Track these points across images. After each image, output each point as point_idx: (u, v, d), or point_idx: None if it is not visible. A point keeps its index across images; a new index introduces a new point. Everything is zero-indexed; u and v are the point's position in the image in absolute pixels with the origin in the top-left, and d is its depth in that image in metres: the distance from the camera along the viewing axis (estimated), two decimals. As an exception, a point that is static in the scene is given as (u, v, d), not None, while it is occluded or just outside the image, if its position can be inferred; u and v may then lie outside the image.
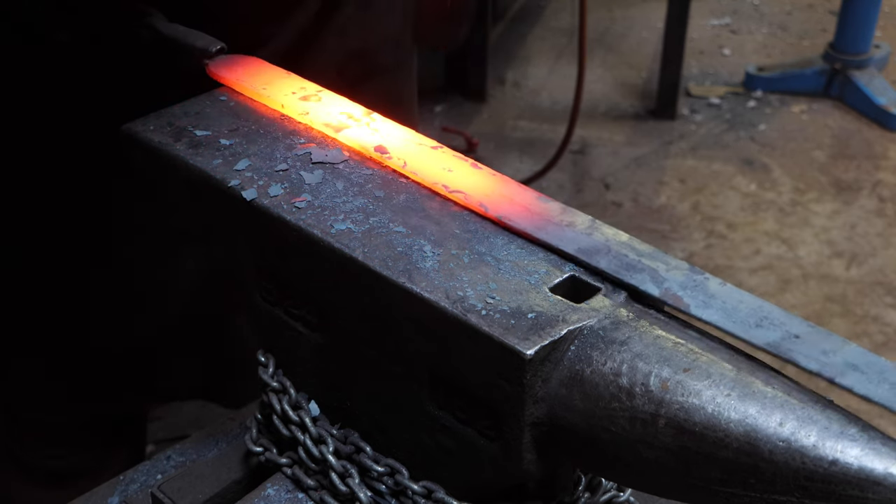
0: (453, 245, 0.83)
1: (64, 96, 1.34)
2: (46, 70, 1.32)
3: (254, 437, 1.00)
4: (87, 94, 1.32)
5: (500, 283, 0.79)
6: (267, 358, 1.00)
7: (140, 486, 1.14)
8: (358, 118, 0.99)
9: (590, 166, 3.77)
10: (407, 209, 0.87)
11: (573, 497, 0.89)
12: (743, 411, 0.67)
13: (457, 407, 0.81)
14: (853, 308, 3.07)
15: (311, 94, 1.03)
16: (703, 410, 0.68)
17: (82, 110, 1.34)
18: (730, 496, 0.69)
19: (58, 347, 1.59)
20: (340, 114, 1.00)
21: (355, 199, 0.89)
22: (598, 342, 0.74)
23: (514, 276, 0.79)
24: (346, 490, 0.90)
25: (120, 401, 1.68)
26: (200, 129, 0.98)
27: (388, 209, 0.88)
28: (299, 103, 1.01)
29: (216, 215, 0.96)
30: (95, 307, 1.54)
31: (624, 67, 4.43)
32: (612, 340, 0.74)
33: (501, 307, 0.76)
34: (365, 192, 0.90)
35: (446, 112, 4.07)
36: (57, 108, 1.35)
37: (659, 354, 0.72)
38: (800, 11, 4.95)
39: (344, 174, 0.92)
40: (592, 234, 0.82)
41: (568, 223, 0.84)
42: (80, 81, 1.32)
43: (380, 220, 0.86)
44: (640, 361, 0.72)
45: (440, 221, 0.86)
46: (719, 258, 3.28)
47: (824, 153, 3.85)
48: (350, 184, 0.91)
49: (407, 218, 0.86)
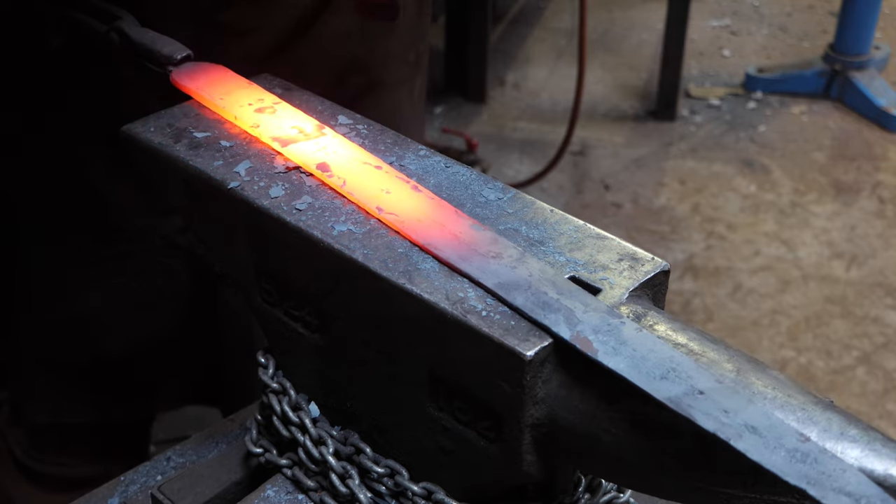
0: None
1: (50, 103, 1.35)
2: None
3: (254, 439, 1.00)
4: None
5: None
6: (267, 359, 1.00)
7: (140, 487, 1.14)
8: (309, 133, 0.97)
9: (590, 167, 3.77)
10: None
11: (573, 498, 0.89)
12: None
13: (457, 408, 0.81)
14: (853, 309, 3.07)
15: (267, 107, 1.01)
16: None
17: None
18: (730, 497, 0.69)
19: (68, 351, 1.59)
20: (292, 128, 0.98)
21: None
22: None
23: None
24: (346, 491, 0.91)
25: (130, 405, 1.69)
26: (201, 130, 0.98)
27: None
28: (253, 115, 1.00)
29: (216, 216, 0.96)
30: (100, 311, 1.55)
31: (624, 69, 4.43)
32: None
33: (501, 308, 0.76)
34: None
35: (446, 113, 4.07)
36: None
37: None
38: (800, 13, 4.96)
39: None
40: (517, 268, 0.80)
41: (495, 254, 0.82)
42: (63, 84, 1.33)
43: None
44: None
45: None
46: (719, 259, 3.28)
47: (824, 154, 3.85)
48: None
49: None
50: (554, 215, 0.87)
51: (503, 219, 0.87)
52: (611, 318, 0.75)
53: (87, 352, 1.58)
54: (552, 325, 0.74)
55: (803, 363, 2.85)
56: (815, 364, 2.84)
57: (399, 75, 1.58)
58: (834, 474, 0.62)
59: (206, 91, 1.03)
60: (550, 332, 0.74)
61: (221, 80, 1.06)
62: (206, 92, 1.03)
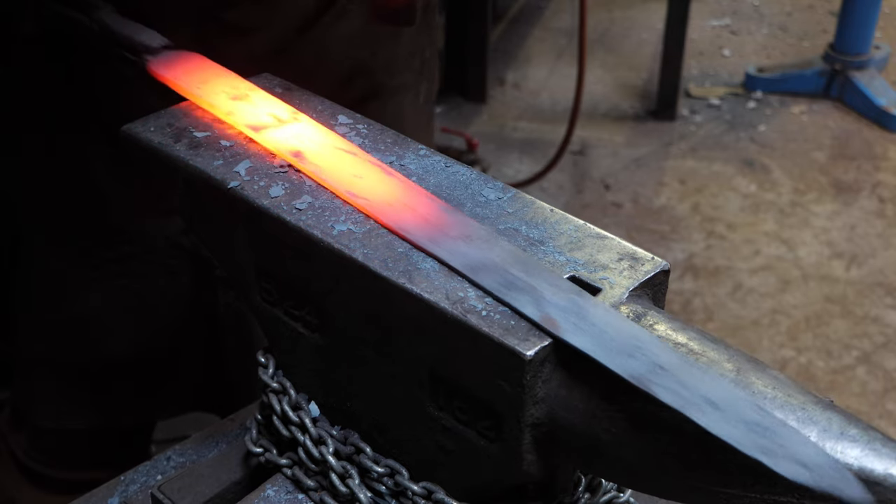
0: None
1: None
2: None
3: (254, 438, 1.00)
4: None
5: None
6: (267, 359, 1.00)
7: (140, 486, 1.14)
8: (283, 119, 0.98)
9: (590, 167, 3.77)
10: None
11: (573, 498, 0.89)
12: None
13: (457, 408, 0.81)
14: (853, 309, 3.07)
15: (242, 95, 1.02)
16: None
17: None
18: (730, 497, 0.69)
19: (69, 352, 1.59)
20: (266, 115, 0.99)
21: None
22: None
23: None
24: (346, 491, 0.91)
25: (131, 410, 1.68)
26: (200, 129, 0.98)
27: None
28: (228, 102, 1.00)
29: (216, 216, 0.96)
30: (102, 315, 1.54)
31: (624, 68, 4.43)
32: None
33: (501, 308, 0.76)
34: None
35: (446, 113, 4.07)
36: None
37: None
38: (800, 12, 4.95)
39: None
40: (486, 250, 0.81)
41: (464, 237, 0.83)
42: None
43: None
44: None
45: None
46: (719, 259, 3.28)
47: (824, 154, 3.85)
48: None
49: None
50: (554, 215, 0.87)
51: (503, 218, 0.87)
52: (577, 297, 0.76)
53: (88, 353, 1.58)
54: (519, 306, 0.75)
55: (803, 363, 2.85)
56: (815, 364, 2.84)
57: (404, 81, 1.58)
58: (790, 445, 0.64)
59: (183, 80, 1.04)
60: (518, 312, 0.75)
61: (198, 68, 1.06)
62: (182, 81, 1.03)
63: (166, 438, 2.26)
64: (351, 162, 0.92)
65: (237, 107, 0.99)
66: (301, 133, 0.96)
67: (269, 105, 1.00)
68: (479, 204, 0.89)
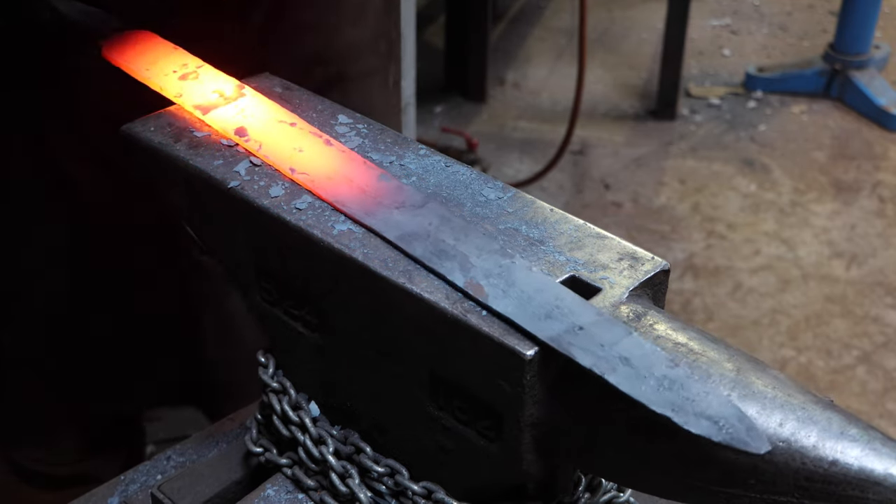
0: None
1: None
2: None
3: (254, 438, 1.00)
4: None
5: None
6: (267, 358, 1.00)
7: (140, 486, 1.14)
8: (228, 96, 0.98)
9: (590, 167, 3.77)
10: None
11: (573, 498, 0.89)
12: (743, 412, 0.67)
13: (457, 408, 0.81)
14: (853, 308, 3.07)
15: (191, 72, 1.02)
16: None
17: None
18: (730, 497, 0.69)
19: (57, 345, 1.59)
20: (213, 92, 0.99)
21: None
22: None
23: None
24: (346, 490, 0.91)
25: (118, 400, 1.68)
26: (200, 129, 0.98)
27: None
28: (176, 83, 1.00)
29: (216, 216, 0.96)
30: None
31: (624, 68, 4.43)
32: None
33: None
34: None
35: (446, 112, 4.07)
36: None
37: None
38: (800, 12, 4.96)
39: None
40: (419, 217, 0.83)
41: (398, 204, 0.84)
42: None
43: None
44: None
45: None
46: (719, 258, 3.28)
47: (824, 154, 3.85)
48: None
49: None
50: (554, 214, 0.87)
51: (503, 218, 0.87)
52: (503, 259, 0.77)
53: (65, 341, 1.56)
54: (447, 273, 0.77)
55: (803, 362, 2.85)
56: (815, 363, 2.84)
57: (370, 65, 1.57)
58: (697, 399, 0.64)
59: (133, 64, 1.04)
60: (446, 280, 0.77)
61: (147, 49, 1.05)
62: (133, 65, 1.04)
63: (166, 438, 2.27)
64: (293, 134, 0.94)
65: (186, 87, 1.00)
66: (245, 109, 0.97)
67: (215, 81, 1.01)
68: (479, 203, 0.88)
